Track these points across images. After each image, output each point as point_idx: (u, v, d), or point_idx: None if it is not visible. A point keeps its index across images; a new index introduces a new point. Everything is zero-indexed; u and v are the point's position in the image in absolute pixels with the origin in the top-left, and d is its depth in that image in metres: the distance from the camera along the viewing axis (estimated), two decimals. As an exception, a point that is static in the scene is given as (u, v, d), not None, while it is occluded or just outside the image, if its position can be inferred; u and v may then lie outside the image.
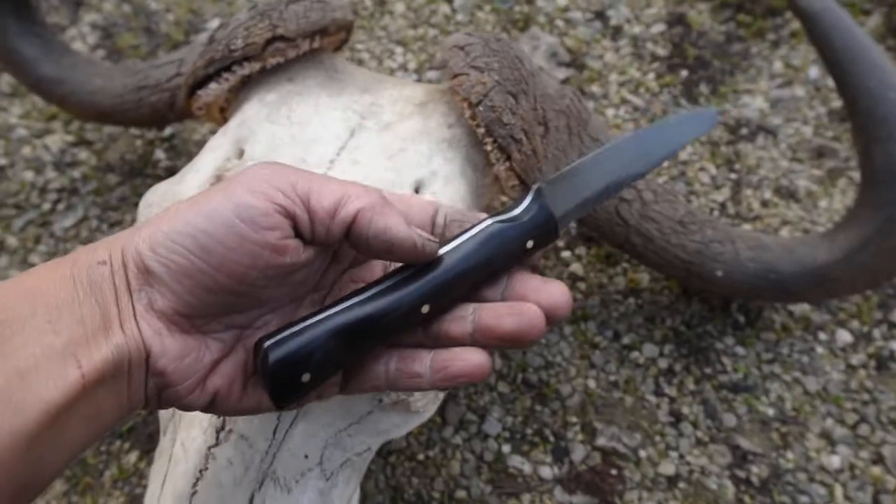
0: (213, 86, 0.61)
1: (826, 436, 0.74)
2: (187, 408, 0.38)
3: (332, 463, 0.54)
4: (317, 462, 0.52)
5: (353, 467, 0.56)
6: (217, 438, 0.47)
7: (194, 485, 0.47)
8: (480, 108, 0.55)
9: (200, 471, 0.47)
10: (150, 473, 0.52)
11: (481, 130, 0.56)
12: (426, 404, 0.59)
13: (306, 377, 0.38)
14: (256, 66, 0.59)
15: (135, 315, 0.35)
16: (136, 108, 0.77)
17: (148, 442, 0.75)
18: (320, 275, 0.42)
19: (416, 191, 0.55)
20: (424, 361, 0.40)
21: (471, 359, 0.39)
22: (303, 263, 0.38)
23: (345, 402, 0.53)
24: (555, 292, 0.40)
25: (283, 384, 0.37)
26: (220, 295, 0.36)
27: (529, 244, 0.43)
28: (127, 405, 0.36)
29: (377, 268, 0.44)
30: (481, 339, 0.40)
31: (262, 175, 0.37)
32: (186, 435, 0.48)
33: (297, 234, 0.37)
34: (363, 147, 0.57)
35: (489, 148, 0.57)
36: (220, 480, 0.47)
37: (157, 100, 0.74)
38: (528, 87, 0.58)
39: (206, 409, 0.39)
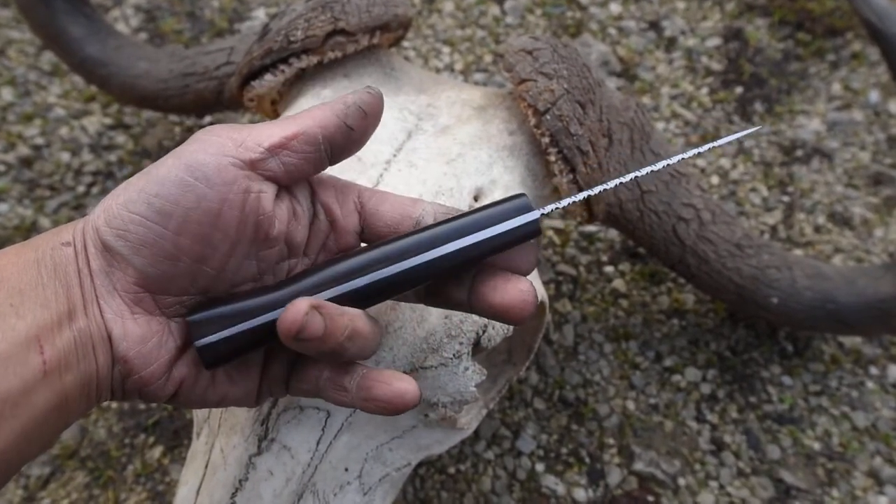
0: (268, 77, 0.59)
1: (874, 475, 0.71)
2: (151, 398, 0.36)
3: (371, 477, 0.51)
4: (356, 475, 0.50)
5: (392, 483, 0.54)
6: (259, 447, 0.45)
7: (233, 495, 0.44)
8: (547, 116, 0.53)
9: (240, 481, 0.45)
10: (182, 476, 0.50)
11: (546, 140, 0.54)
12: (469, 421, 0.57)
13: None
14: (314, 59, 0.57)
15: (97, 297, 0.34)
16: (181, 94, 0.75)
17: (173, 438, 0.73)
18: (289, 267, 0.40)
19: (476, 199, 0.53)
20: (353, 377, 0.37)
21: (396, 386, 0.36)
22: (267, 219, 0.36)
23: (390, 416, 0.51)
24: (511, 291, 0.37)
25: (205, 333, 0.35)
26: (182, 263, 0.34)
27: (505, 234, 0.38)
28: (95, 395, 0.34)
29: None
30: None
31: (213, 134, 0.36)
32: (227, 441, 0.46)
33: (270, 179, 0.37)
34: (420, 150, 0.54)
35: (553, 159, 0.54)
36: (260, 492, 0.45)
37: (204, 87, 0.72)
38: (595, 97, 0.56)
39: (170, 401, 0.37)
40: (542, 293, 0.56)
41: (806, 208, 0.87)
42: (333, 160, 0.39)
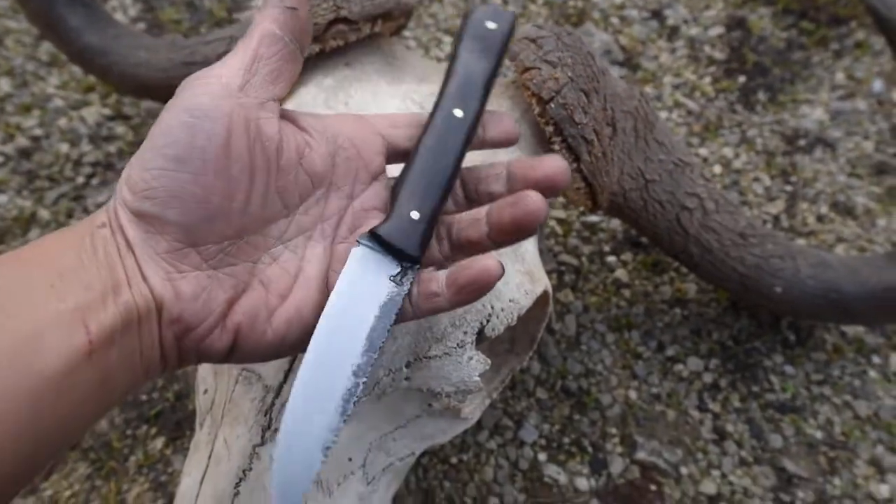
0: (269, 66, 0.58)
1: (875, 463, 0.71)
2: (209, 354, 0.37)
3: (375, 467, 0.51)
4: (360, 465, 0.50)
5: (395, 472, 0.54)
6: (262, 437, 0.45)
7: (237, 485, 0.44)
8: (552, 105, 0.52)
9: (244, 471, 0.45)
10: (185, 467, 0.50)
11: (550, 129, 0.53)
12: (473, 410, 0.57)
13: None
14: (316, 47, 0.57)
15: (140, 268, 0.34)
16: (181, 84, 0.74)
17: (175, 429, 0.73)
18: (324, 203, 0.41)
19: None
20: (440, 280, 0.39)
21: (476, 265, 0.38)
22: (274, 144, 0.38)
23: (393, 405, 0.51)
24: (551, 165, 0.41)
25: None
26: (212, 203, 0.35)
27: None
28: (141, 368, 0.35)
29: (381, 192, 0.42)
30: (495, 237, 0.40)
31: (196, 79, 0.37)
32: (230, 432, 0.46)
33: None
34: (423, 139, 0.54)
35: (557, 147, 0.54)
36: (264, 482, 0.45)
37: (204, 77, 0.72)
38: (600, 86, 0.56)
39: (228, 356, 0.37)
40: (545, 283, 0.56)
41: (809, 198, 0.87)
42: (303, 47, 0.40)
